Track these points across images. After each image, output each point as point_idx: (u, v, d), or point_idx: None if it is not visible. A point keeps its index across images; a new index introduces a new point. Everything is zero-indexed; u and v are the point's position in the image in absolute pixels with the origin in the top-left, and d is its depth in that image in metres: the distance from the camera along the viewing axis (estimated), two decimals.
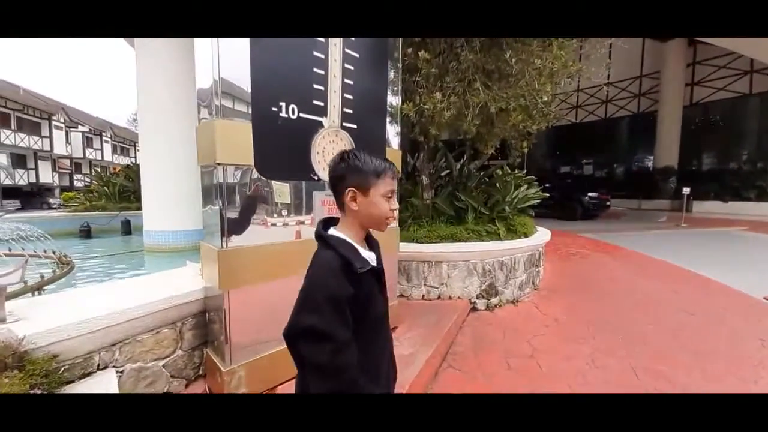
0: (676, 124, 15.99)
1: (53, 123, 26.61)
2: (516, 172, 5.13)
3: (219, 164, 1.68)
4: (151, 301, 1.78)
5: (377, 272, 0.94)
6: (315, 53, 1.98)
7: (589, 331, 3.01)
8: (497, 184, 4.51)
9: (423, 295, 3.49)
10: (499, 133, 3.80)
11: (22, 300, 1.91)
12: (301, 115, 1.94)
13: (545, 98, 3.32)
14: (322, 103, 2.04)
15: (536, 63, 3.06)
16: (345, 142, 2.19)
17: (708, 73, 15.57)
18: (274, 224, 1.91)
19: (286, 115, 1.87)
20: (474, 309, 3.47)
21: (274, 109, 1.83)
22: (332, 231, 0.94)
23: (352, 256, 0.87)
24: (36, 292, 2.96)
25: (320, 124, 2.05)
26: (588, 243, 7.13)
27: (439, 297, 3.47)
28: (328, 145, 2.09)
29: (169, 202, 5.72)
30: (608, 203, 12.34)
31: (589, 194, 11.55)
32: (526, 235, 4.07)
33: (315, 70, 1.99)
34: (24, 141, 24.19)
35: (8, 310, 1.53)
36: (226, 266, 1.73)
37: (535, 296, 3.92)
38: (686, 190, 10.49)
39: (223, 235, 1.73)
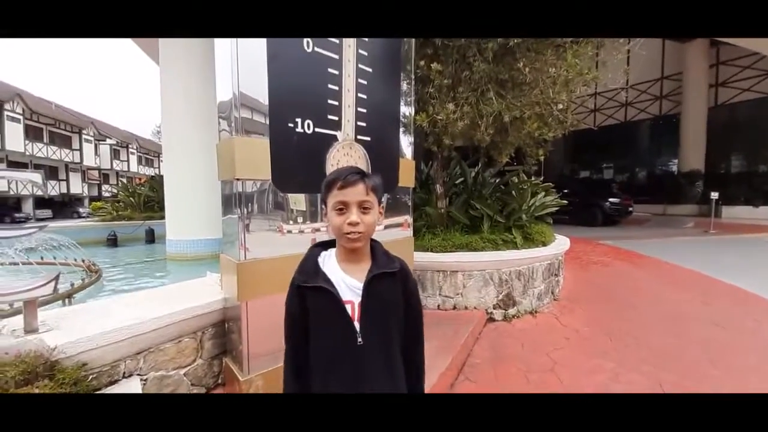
0: (701, 126, 15.45)
1: (83, 136, 28.10)
2: (533, 179, 5.06)
3: (238, 179, 1.74)
4: (173, 311, 1.83)
5: (331, 295, 0.85)
6: (330, 69, 2.03)
7: (612, 344, 2.91)
8: (513, 192, 4.44)
9: (438, 305, 3.46)
10: (513, 142, 3.75)
11: (53, 309, 2.01)
12: (317, 129, 1.99)
13: (561, 106, 3.27)
14: (336, 118, 2.09)
15: (550, 71, 3.02)
16: (359, 155, 2.23)
17: (732, 73, 15.00)
18: (289, 231, 1.95)
19: (302, 131, 1.92)
20: (491, 320, 3.41)
21: (291, 125, 1.88)
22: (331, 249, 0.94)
23: (299, 270, 0.90)
24: (66, 300, 3.11)
25: (335, 138, 2.09)
26: (610, 251, 6.92)
27: (454, 307, 3.43)
28: (343, 158, 2.13)
29: (191, 212, 5.92)
30: (630, 209, 11.94)
31: (611, 200, 11.22)
32: (544, 244, 3.99)
33: (329, 86, 2.04)
34: (56, 154, 25.58)
35: (40, 320, 1.61)
36: (245, 278, 1.78)
37: (554, 307, 3.82)
38: (714, 195, 10.03)
39: (241, 246, 1.78)
